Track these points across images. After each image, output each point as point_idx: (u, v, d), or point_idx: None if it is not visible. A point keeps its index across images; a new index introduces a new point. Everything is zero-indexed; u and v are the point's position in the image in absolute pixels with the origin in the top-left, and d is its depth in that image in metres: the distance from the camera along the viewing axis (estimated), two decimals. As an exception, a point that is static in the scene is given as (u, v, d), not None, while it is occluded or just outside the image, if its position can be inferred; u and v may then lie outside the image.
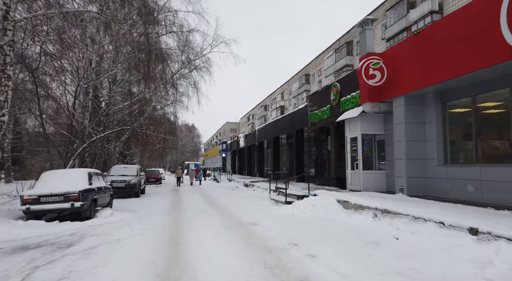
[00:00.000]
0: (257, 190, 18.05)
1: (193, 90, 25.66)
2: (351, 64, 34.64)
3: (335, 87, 13.87)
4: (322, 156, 17.76)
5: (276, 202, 12.08)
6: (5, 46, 9.61)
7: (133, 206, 11.95)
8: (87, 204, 8.29)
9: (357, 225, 7.07)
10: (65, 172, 9.31)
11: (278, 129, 23.60)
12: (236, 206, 11.41)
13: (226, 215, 9.47)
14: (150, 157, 44.45)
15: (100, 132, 18.54)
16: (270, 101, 65.71)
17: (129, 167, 17.32)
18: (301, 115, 18.81)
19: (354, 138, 12.21)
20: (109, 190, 10.69)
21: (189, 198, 15.24)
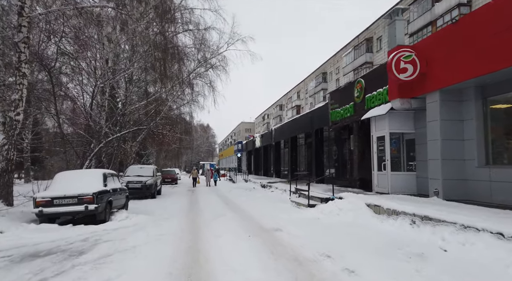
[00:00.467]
0: (275, 192, 17.46)
1: (209, 89, 25.29)
2: (371, 61, 33.55)
3: (359, 83, 13.12)
4: (344, 156, 17.00)
5: (298, 204, 11.46)
6: (20, 43, 9.37)
7: (149, 208, 11.58)
8: (101, 207, 7.91)
9: (393, 233, 6.38)
10: (80, 173, 8.99)
11: (296, 129, 22.93)
12: (256, 209, 10.86)
13: (246, 219, 8.93)
14: (166, 157, 44.55)
15: (116, 132, 18.37)
16: (286, 100, 64.91)
17: (145, 167, 17.04)
18: (321, 114, 18.10)
19: (381, 137, 11.45)
20: (125, 192, 10.33)
21: (206, 200, 14.80)
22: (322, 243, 5.74)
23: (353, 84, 13.80)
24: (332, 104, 15.92)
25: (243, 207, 11.75)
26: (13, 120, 9.39)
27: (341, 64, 40.82)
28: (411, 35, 26.74)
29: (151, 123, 19.42)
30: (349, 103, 14.00)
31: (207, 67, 24.13)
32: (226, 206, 12.13)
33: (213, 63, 23.92)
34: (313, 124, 19.19)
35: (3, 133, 9.41)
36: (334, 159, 18.38)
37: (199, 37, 22.13)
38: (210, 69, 24.41)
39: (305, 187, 14.90)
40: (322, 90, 46.22)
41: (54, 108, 13.99)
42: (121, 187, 9.85)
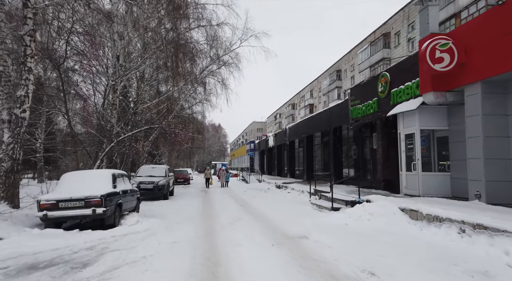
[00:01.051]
0: (292, 193, 16.67)
1: (221, 87, 24.65)
2: (388, 57, 32.33)
3: (384, 77, 12.23)
4: (364, 155, 16.10)
5: (319, 207, 10.65)
6: (26, 36, 8.86)
7: (162, 210, 10.96)
8: (110, 210, 7.30)
9: (439, 244, 5.54)
10: (87, 174, 8.41)
11: (312, 127, 22.07)
12: (275, 212, 10.11)
13: (265, 224, 8.19)
14: (178, 157, 44.23)
15: (128, 131, 17.90)
16: (298, 99, 63.89)
17: (158, 167, 16.48)
18: (340, 111, 17.22)
19: (410, 135, 10.55)
20: (136, 193, 9.73)
21: (220, 201, 14.12)
22: (359, 256, 4.96)
23: (377, 79, 12.90)
24: (353, 100, 15.03)
25: (260, 209, 11.02)
26: (18, 117, 8.89)
27: (356, 61, 39.66)
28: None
29: (163, 122, 18.89)
30: (372, 98, 13.11)
31: (219, 64, 23.48)
32: (242, 209, 11.42)
33: (226, 60, 23.26)
34: (331, 122, 18.32)
35: (9, 131, 8.92)
36: (353, 158, 17.49)
37: (211, 34, 21.51)
38: (222, 66, 23.74)
39: (324, 188, 14.10)
40: (336, 88, 45.10)
41: (64, 106, 13.56)
42: (131, 189, 9.25)
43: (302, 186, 18.03)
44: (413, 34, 29.17)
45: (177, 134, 18.23)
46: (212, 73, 24.22)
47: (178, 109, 24.67)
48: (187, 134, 19.16)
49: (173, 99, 23.72)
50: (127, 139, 18.79)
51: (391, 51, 32.33)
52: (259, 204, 12.71)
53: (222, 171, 24.69)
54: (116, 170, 9.56)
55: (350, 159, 17.80)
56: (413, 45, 29.33)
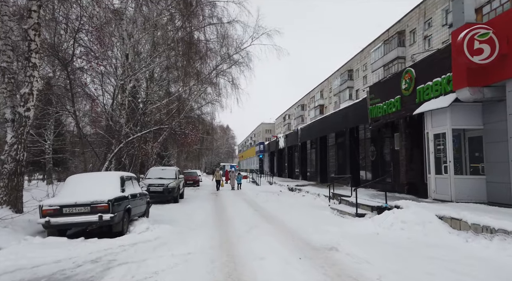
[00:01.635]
0: (307, 196, 15.93)
1: (231, 87, 24.07)
2: (403, 56, 31.37)
3: (408, 73, 11.44)
4: (384, 157, 15.30)
5: (341, 213, 9.91)
6: (30, 30, 8.35)
7: (173, 215, 10.36)
8: (118, 216, 6.69)
9: (496, 260, 4.78)
10: (94, 176, 7.83)
11: (326, 128, 21.30)
12: (293, 218, 9.40)
13: (286, 232, 7.49)
14: (187, 158, 43.82)
15: (137, 131, 17.41)
16: (308, 100, 63.01)
17: (167, 169, 15.93)
18: (357, 111, 16.44)
19: (440, 135, 9.75)
20: (145, 197, 9.13)
21: (233, 205, 13.46)
22: (407, 275, 4.23)
23: (400, 75, 12.12)
24: (372, 99, 14.25)
25: (277, 215, 10.32)
26: (22, 116, 8.38)
27: (369, 61, 38.70)
28: (451, 26, 24.49)
29: (172, 122, 18.33)
30: (394, 96, 12.32)
31: (230, 64, 22.88)
32: (257, 214, 10.73)
33: (237, 59, 22.65)
34: (348, 122, 17.54)
35: (12, 131, 8.41)
36: (371, 160, 16.68)
37: (222, 32, 20.92)
38: (233, 65, 23.15)
39: (343, 191, 13.33)
40: (348, 88, 44.16)
41: (72, 106, 13.09)
42: (141, 192, 8.65)
43: (316, 189, 17.30)
44: (429, 31, 28.19)
45: (187, 134, 17.66)
46: (222, 73, 23.67)
47: (188, 110, 24.17)
48: (197, 134, 18.55)
49: (183, 100, 23.24)
50: (136, 140, 18.31)
51: (406, 50, 31.34)
52: (274, 208, 12.01)
53: (232, 173, 23.74)
54: (125, 172, 8.97)
55: (367, 160, 17.00)
56: (430, 42, 28.35)
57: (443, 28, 26.26)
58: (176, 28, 19.36)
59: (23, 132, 8.43)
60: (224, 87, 24.95)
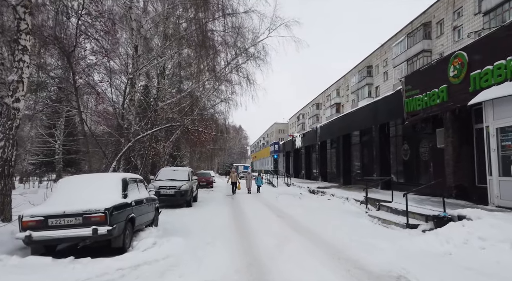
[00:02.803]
0: (332, 200, 14.35)
1: (247, 83, 22.66)
2: (429, 49, 29.36)
3: (459, 58, 9.75)
4: (420, 156, 13.61)
5: (384, 222, 8.33)
6: (19, 7, 7.12)
7: (185, 223, 8.99)
8: (118, 229, 5.34)
9: None
10: (91, 179, 6.47)
11: (350, 125, 19.64)
12: (328, 228, 7.90)
13: (326, 249, 6.00)
14: (200, 158, 42.73)
15: (147, 129, 16.20)
16: (324, 98, 61.13)
17: (180, 169, 14.60)
18: (388, 105, 14.78)
19: (506, 128, 8.08)
20: (154, 202, 7.79)
21: (253, 210, 12.02)
22: None
23: (446, 61, 10.43)
24: (409, 90, 12.57)
25: (306, 223, 8.82)
26: (10, 108, 7.16)
27: (390, 56, 36.72)
28: (486, 14, 22.51)
29: (185, 120, 17.04)
30: (438, 86, 10.64)
31: (246, 57, 21.46)
32: (283, 222, 9.25)
33: (252, 53, 21.23)
34: (377, 118, 15.87)
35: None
36: (404, 160, 14.99)
37: (237, 23, 19.52)
38: (248, 60, 21.73)
39: (379, 195, 11.70)
40: (367, 85, 42.19)
41: (75, 100, 11.92)
42: (148, 197, 7.29)
43: (342, 191, 15.69)
44: (459, 21, 26.16)
45: (200, 132, 16.35)
46: (237, 68, 22.30)
47: (201, 107, 22.92)
48: (211, 132, 17.21)
49: (196, 97, 22.00)
50: (147, 139, 17.12)
51: (432, 42, 29.34)
52: (301, 214, 10.52)
53: (248, 174, 21.51)
54: (128, 173, 7.61)
55: (399, 160, 15.33)
56: (460, 34, 26.32)
57: (476, 17, 24.22)
58: (189, 20, 18.09)
59: (12, 127, 7.20)
60: (239, 84, 23.61)
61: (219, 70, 20.84)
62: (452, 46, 25.69)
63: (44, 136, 27.33)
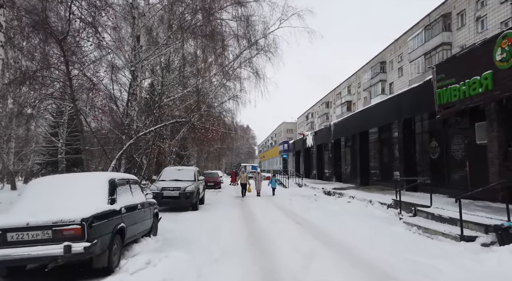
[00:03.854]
0: (353, 203, 12.98)
1: (256, 78, 21.36)
2: (449, 41, 27.70)
3: (509, 38, 8.32)
4: (452, 154, 12.17)
5: (427, 232, 6.94)
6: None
7: (190, 230, 7.75)
8: (100, 245, 4.09)
9: None
10: (70, 181, 5.10)
11: (368, 121, 18.21)
12: (359, 239, 6.56)
13: (365, 269, 4.69)
14: (207, 158, 41.68)
15: (152, 126, 15.04)
16: (334, 96, 59.47)
17: (185, 169, 13.38)
18: (415, 97, 13.34)
19: None
20: (152, 207, 6.55)
21: (266, 215, 10.74)
22: None
23: (491, 43, 8.99)
24: (442, 79, 11.13)
25: (331, 232, 7.50)
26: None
27: (405, 50, 35.06)
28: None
29: (191, 116, 15.80)
30: (480, 73, 9.18)
31: (256, 50, 20.16)
32: (304, 230, 7.94)
33: (262, 45, 19.93)
34: (401, 112, 14.44)
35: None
36: (431, 158, 13.55)
37: (246, 13, 18.25)
38: (258, 54, 20.43)
39: (414, 199, 10.27)
40: (380, 81, 40.52)
41: (69, 92, 10.79)
42: (144, 202, 6.04)
43: (362, 193, 14.27)
44: (483, 11, 24.48)
45: (207, 130, 15.14)
46: (245, 62, 21.03)
47: (208, 105, 21.73)
48: (218, 129, 15.96)
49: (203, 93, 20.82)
50: (151, 137, 15.96)
51: (452, 35, 27.66)
52: (321, 220, 9.19)
53: (258, 174, 19.02)
54: (119, 173, 6.36)
55: (425, 159, 13.89)
56: (484, 24, 24.64)
57: (502, 6, 22.54)
58: (195, 10, 16.88)
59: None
60: (248, 79, 22.34)
61: (228, 64, 19.64)
62: (475, 38, 24.02)
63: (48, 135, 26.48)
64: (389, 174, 17.38)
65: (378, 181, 18.28)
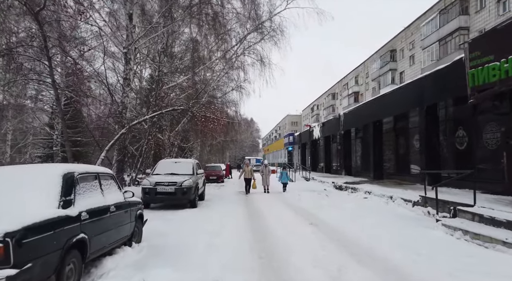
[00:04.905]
0: (371, 199, 11.61)
1: (261, 66, 19.88)
2: (466, 26, 25.94)
3: None
4: (485, 143, 10.71)
5: (478, 238, 5.55)
6: None
7: (185, 233, 6.45)
8: (38, 270, 2.74)
9: None
10: (9, 176, 3.80)
11: (384, 109, 16.70)
12: (399, 250, 5.18)
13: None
14: (210, 151, 40.50)
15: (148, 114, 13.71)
16: (340, 87, 57.73)
17: (182, 161, 12.01)
18: (440, 81, 11.84)
19: None
20: (134, 209, 5.21)
21: (273, 213, 9.41)
22: None
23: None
24: (477, 57, 9.60)
25: (355, 238, 6.12)
26: None
27: (417, 37, 33.29)
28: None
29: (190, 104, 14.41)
30: (529, 47, 7.73)
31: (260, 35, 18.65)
32: (322, 235, 6.57)
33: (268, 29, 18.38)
34: (423, 98, 12.94)
35: None
36: (459, 149, 12.09)
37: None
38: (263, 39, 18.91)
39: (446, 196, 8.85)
40: (390, 70, 38.78)
41: (49, 74, 9.45)
42: (121, 202, 4.70)
43: (379, 188, 12.85)
44: (506, -9, 22.69)
45: (207, 118, 13.77)
46: (249, 49, 19.54)
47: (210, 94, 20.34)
48: (220, 118, 14.58)
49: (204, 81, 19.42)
50: (148, 127, 14.66)
51: (470, 18, 25.89)
52: (340, 221, 7.83)
53: (265, 167, 16.16)
54: (84, 166, 4.92)
55: (449, 150, 12.45)
56: (505, 6, 22.86)
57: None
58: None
59: None
60: (252, 66, 20.87)
61: (230, 48, 18.18)
62: (496, 21, 22.30)
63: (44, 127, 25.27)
64: (406, 167, 15.96)
65: (392, 174, 16.86)
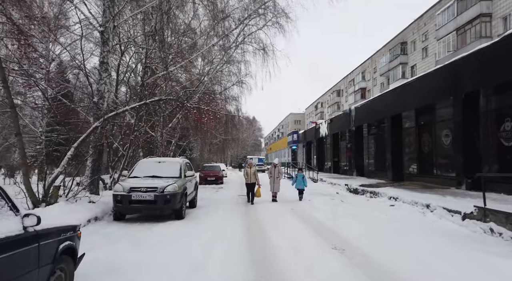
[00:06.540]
0: (399, 207, 9.45)
1: (263, 56, 17.80)
2: (489, 12, 23.69)
3: None
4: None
5: None
6: None
7: (155, 271, 4.33)
8: None
9: None
10: None
11: (405, 101, 14.53)
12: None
13: None
14: (211, 150, 38.52)
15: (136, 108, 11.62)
16: (346, 84, 55.45)
17: (167, 161, 9.76)
18: (483, 63, 9.66)
19: None
20: (47, 244, 3.08)
21: (281, 229, 7.28)
22: None
23: None
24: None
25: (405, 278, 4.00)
26: None
27: (431, 28, 31.03)
28: None
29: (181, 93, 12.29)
30: None
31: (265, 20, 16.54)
32: (357, 269, 4.45)
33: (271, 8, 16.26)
34: (458, 86, 10.77)
35: None
36: (505, 146, 9.91)
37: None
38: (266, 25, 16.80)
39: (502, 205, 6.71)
40: (401, 64, 36.49)
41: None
42: (15, 236, 2.61)
43: (406, 192, 10.65)
44: (536, -29, 20.42)
45: (201, 110, 11.65)
46: (251, 35, 17.44)
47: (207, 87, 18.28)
48: (215, 110, 12.43)
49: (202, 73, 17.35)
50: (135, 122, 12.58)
51: (492, 4, 23.64)
52: (371, 242, 5.71)
53: (275, 168, 12.17)
54: None
55: (494, 148, 10.28)
56: (535, -12, 20.59)
57: None
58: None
59: None
60: (254, 56, 18.79)
61: (229, 32, 16.06)
62: None
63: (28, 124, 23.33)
64: (430, 167, 13.82)
65: (415, 175, 14.70)
